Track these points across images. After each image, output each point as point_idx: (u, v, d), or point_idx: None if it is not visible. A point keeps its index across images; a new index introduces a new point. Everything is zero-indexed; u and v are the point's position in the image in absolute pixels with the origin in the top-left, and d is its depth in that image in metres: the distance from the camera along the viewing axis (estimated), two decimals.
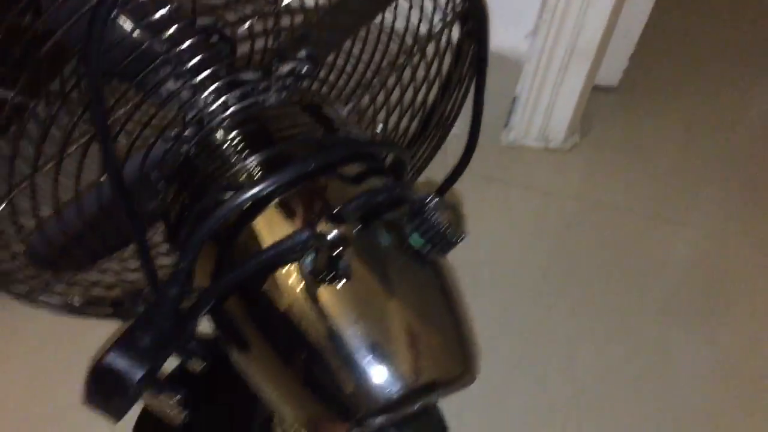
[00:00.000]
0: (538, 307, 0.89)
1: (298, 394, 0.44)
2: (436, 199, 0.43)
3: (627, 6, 0.99)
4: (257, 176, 0.45)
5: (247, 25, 0.51)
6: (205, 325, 0.48)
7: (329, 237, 0.38)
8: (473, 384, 0.44)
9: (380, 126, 0.58)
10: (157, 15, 0.45)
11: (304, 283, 0.42)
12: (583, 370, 0.83)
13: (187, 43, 0.46)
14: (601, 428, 0.79)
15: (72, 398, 0.74)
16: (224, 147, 0.47)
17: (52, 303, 0.58)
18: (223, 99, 0.48)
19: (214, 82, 0.48)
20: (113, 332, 0.78)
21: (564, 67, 0.98)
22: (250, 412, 0.74)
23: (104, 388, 0.45)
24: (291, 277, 0.42)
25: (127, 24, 0.45)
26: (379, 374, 0.41)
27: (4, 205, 0.50)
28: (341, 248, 0.39)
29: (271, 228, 0.44)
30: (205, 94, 0.47)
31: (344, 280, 0.42)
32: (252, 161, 0.46)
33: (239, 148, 0.47)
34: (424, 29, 0.53)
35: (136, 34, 0.45)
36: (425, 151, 0.64)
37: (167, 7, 0.44)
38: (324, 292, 0.42)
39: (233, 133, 0.48)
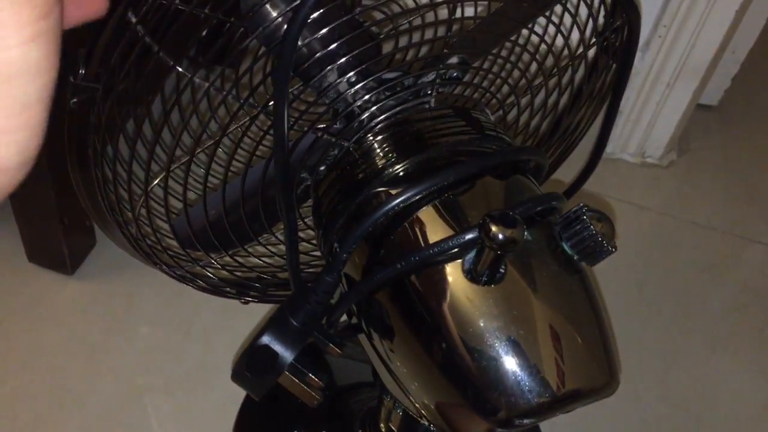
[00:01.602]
0: (633, 322, 0.89)
1: (441, 387, 0.45)
2: (591, 210, 0.44)
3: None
4: (415, 177, 0.47)
5: (401, 25, 0.52)
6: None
7: (500, 238, 0.40)
8: None
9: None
10: (317, 14, 0.46)
11: (461, 281, 0.43)
12: (678, 388, 0.83)
13: (343, 40, 0.47)
14: None
15: (180, 375, 0.77)
16: (380, 147, 0.49)
17: (188, 278, 0.60)
18: (380, 102, 0.49)
19: (365, 79, 0.50)
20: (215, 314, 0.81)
21: (672, 83, 0.98)
22: (350, 405, 0.76)
23: (257, 367, 0.47)
24: (447, 275, 0.44)
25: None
26: (526, 379, 0.42)
27: (157, 181, 0.52)
28: (509, 251, 0.40)
29: (429, 226, 0.45)
30: (366, 96, 0.49)
31: (501, 283, 0.43)
32: (409, 162, 0.48)
33: (396, 148, 0.49)
34: (575, 40, 0.53)
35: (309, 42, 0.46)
36: (551, 157, 0.65)
37: (326, 7, 0.46)
38: (480, 292, 0.43)
39: (390, 134, 0.49)
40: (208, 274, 0.60)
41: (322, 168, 0.52)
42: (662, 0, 0.92)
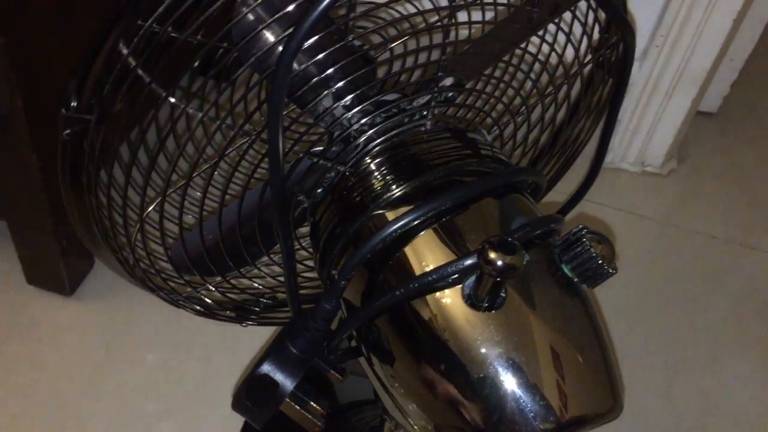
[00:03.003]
0: (636, 333, 0.89)
1: (442, 413, 0.45)
2: (591, 233, 0.44)
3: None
4: (413, 201, 0.46)
5: (396, 48, 0.52)
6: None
7: (499, 265, 0.39)
8: None
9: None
10: (312, 40, 0.46)
11: (461, 307, 0.43)
12: (683, 399, 0.83)
13: (338, 65, 0.47)
14: None
15: (181, 398, 0.77)
16: (378, 171, 0.49)
17: (184, 302, 0.60)
18: (377, 126, 0.49)
19: (361, 103, 0.49)
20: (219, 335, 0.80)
21: (670, 92, 0.98)
22: (352, 423, 0.76)
23: (257, 396, 0.46)
24: (446, 301, 0.43)
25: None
26: (529, 405, 0.42)
27: (152, 207, 0.52)
28: (508, 277, 0.40)
29: (428, 252, 0.45)
30: (362, 120, 0.49)
31: (501, 308, 0.42)
32: (406, 186, 0.47)
33: (393, 172, 0.48)
34: (570, 57, 0.53)
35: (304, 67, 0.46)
36: (551, 170, 0.65)
37: (320, 34, 0.45)
38: (480, 318, 0.43)
39: (386, 157, 0.49)
40: (203, 297, 0.59)
41: (319, 191, 0.52)
42: (659, 10, 0.92)
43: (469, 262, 0.42)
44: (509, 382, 0.42)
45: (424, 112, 0.50)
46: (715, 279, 0.96)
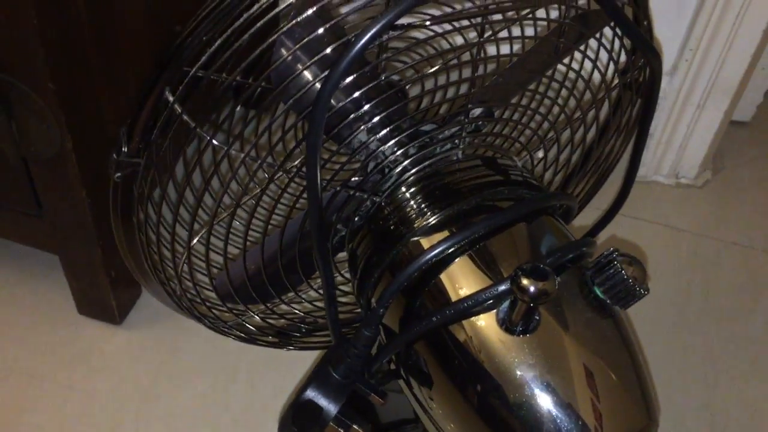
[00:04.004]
0: (675, 347, 0.89)
1: None
2: (622, 255, 0.45)
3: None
4: (447, 229, 0.48)
5: (428, 83, 0.54)
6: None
7: (532, 290, 0.41)
8: None
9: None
10: (349, 79, 0.48)
11: (496, 331, 0.44)
12: (723, 412, 0.83)
13: (373, 102, 0.49)
14: None
15: (228, 422, 0.79)
16: (413, 200, 0.50)
17: (229, 330, 0.62)
18: (411, 157, 0.51)
19: (395, 135, 0.51)
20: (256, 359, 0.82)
21: (702, 104, 0.98)
22: None
23: (302, 421, 0.48)
24: (482, 326, 0.45)
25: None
26: (565, 426, 0.43)
27: (197, 239, 0.54)
28: (541, 302, 0.41)
29: (463, 278, 0.47)
30: (397, 152, 0.51)
31: (535, 331, 0.44)
32: (440, 215, 0.49)
33: (427, 201, 0.50)
34: (597, 80, 0.54)
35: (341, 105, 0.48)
36: (583, 189, 0.66)
37: (357, 73, 0.47)
38: (515, 342, 0.44)
39: (420, 186, 0.51)
40: (246, 324, 0.62)
41: (357, 219, 0.54)
42: (687, 24, 0.93)
43: (502, 288, 0.43)
44: (545, 403, 0.43)
45: (456, 141, 0.51)
46: (755, 290, 0.95)
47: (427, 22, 0.42)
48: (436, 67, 0.52)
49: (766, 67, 1.08)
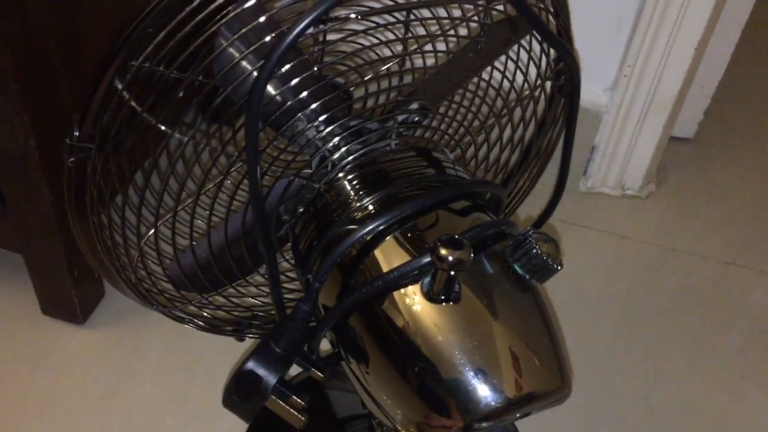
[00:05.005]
0: (617, 348, 0.93)
1: (411, 401, 0.50)
2: (537, 233, 0.49)
3: (704, 60, 1.03)
4: (379, 211, 0.52)
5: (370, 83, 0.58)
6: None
7: (449, 260, 0.45)
8: (554, 424, 0.48)
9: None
10: (296, 80, 0.52)
11: (421, 302, 0.48)
12: (662, 406, 0.87)
13: (319, 102, 0.53)
14: None
15: (186, 415, 0.82)
16: (349, 186, 0.54)
17: (186, 319, 0.66)
18: (347, 146, 0.55)
19: (342, 131, 0.56)
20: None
21: (642, 119, 1.03)
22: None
23: (243, 391, 0.52)
24: (409, 297, 0.49)
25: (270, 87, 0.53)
26: (483, 386, 0.47)
27: (152, 232, 0.58)
28: (458, 271, 0.45)
29: (393, 254, 0.50)
30: (334, 141, 0.55)
31: (457, 302, 0.48)
32: (373, 198, 0.53)
33: (362, 187, 0.54)
34: (519, 82, 0.59)
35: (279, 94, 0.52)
36: (525, 182, 0.71)
37: (303, 75, 0.51)
38: (438, 311, 0.48)
39: (356, 174, 0.55)
40: (204, 313, 0.65)
41: (301, 209, 0.58)
42: (625, 41, 0.99)
43: (426, 260, 0.47)
44: (464, 365, 0.47)
45: (386, 134, 0.56)
46: (693, 293, 1.00)
47: (358, 16, 0.46)
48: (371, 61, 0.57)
49: (704, 86, 1.14)
